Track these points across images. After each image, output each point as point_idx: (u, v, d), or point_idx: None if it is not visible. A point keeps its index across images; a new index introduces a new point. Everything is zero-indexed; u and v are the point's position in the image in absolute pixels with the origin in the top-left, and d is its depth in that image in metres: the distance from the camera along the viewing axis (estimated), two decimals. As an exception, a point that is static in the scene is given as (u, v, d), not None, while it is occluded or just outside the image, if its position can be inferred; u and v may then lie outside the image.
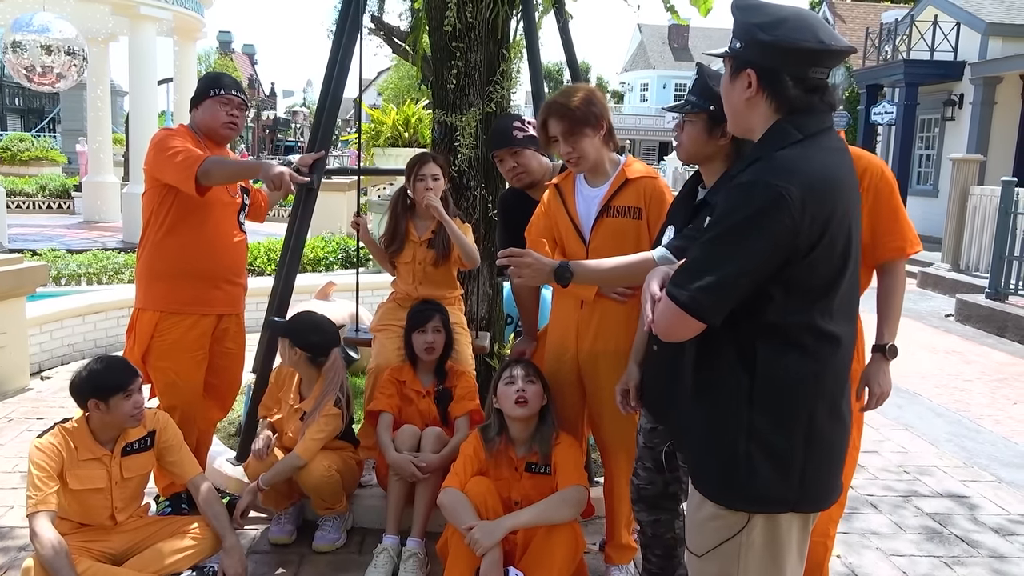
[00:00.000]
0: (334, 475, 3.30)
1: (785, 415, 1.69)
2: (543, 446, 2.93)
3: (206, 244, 3.39)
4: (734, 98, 1.77)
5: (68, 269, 8.07)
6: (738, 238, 1.60)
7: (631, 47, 52.24)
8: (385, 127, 10.19)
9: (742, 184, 1.63)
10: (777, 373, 1.68)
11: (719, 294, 1.61)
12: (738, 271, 1.60)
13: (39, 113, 42.13)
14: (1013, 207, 8.94)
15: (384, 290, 4.63)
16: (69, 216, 16.91)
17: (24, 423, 4.80)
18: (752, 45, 1.71)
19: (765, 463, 1.69)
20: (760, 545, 1.75)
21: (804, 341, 1.68)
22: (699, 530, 1.82)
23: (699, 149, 2.39)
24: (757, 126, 1.75)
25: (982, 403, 5.92)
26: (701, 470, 1.80)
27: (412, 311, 3.50)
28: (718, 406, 1.73)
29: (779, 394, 1.69)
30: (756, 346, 1.68)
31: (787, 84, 1.69)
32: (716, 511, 1.77)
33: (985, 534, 3.75)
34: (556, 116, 2.75)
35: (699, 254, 1.65)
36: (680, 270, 1.68)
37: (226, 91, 3.42)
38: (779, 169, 1.61)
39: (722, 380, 1.72)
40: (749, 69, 1.72)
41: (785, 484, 1.70)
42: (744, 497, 1.72)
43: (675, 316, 1.65)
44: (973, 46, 15.76)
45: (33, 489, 2.70)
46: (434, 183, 3.53)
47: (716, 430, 1.74)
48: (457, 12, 3.85)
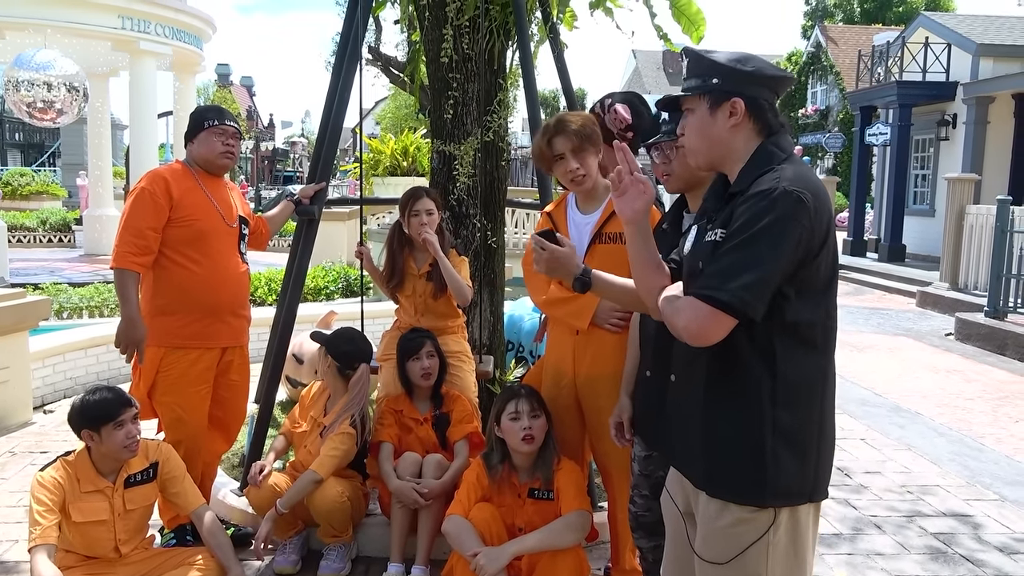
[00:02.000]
0: (346, 502, 3.32)
1: (803, 410, 1.80)
2: (545, 472, 2.95)
3: (208, 277, 3.40)
4: (716, 128, 1.87)
5: (70, 303, 8.09)
6: (770, 240, 1.70)
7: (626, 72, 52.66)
8: (384, 156, 10.30)
9: (762, 192, 1.73)
10: (795, 370, 1.78)
11: (760, 291, 1.70)
12: (773, 270, 1.70)
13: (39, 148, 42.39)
14: (1009, 225, 9.00)
15: (385, 318, 4.67)
16: (70, 250, 16.96)
17: (28, 457, 4.80)
18: (732, 77, 1.84)
19: (789, 458, 1.78)
20: (785, 542, 1.81)
21: (815, 338, 1.80)
22: (722, 538, 1.83)
23: (692, 173, 2.42)
24: (739, 151, 1.87)
25: (984, 422, 5.92)
26: (726, 473, 1.82)
27: (402, 340, 3.52)
28: (743, 407, 1.80)
29: (797, 390, 1.79)
30: (775, 345, 1.77)
31: (766, 108, 1.87)
32: (742, 515, 1.80)
33: (990, 553, 3.74)
34: (564, 133, 2.81)
35: (733, 257, 1.72)
36: (711, 274, 1.73)
37: (220, 121, 3.46)
38: (792, 178, 1.75)
39: (745, 381, 1.79)
40: (735, 98, 1.84)
41: (804, 476, 1.81)
42: (774, 493, 1.78)
43: (710, 317, 1.71)
44: (964, 67, 15.92)
45: (33, 524, 2.71)
46: (428, 218, 3.56)
47: (743, 430, 1.80)
48: (454, 44, 3.92)
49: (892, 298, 12.70)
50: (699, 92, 1.88)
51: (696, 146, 1.91)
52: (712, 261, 1.76)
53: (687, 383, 1.93)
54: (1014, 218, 9.14)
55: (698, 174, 2.42)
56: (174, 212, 3.33)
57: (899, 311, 11.30)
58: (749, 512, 1.80)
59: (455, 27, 3.90)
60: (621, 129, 3.16)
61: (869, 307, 11.73)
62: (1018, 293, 8.84)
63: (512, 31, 4.04)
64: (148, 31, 12.52)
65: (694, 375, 1.89)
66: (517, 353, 5.30)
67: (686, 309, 1.75)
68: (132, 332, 3.26)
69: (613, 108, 3.19)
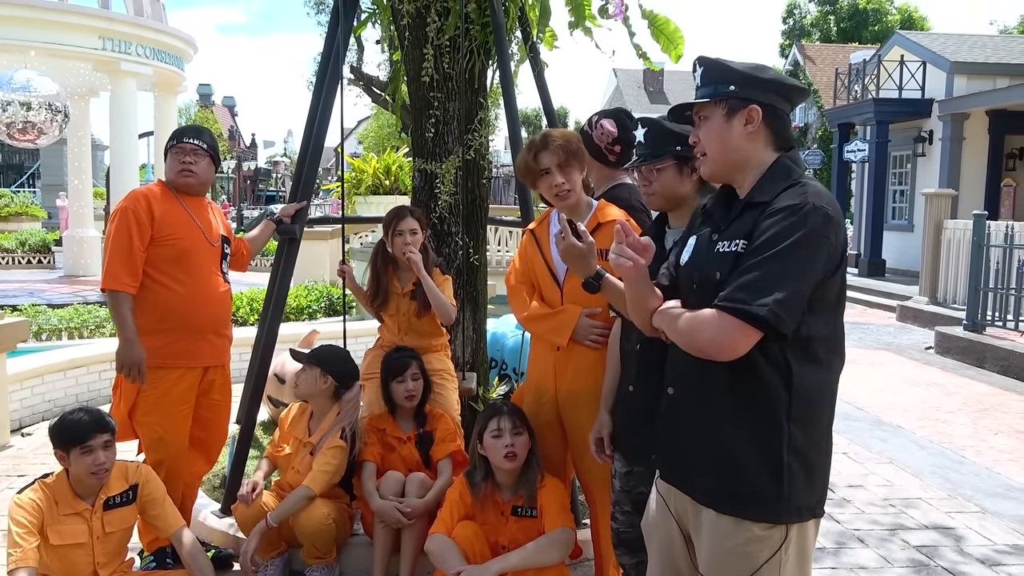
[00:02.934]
0: (331, 525, 3.30)
1: (814, 425, 1.81)
2: (528, 489, 2.94)
3: (190, 297, 3.39)
4: (732, 135, 1.87)
5: (49, 324, 8.01)
6: (802, 254, 1.70)
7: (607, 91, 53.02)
8: (366, 175, 10.31)
9: (793, 207, 1.73)
10: (808, 386, 1.78)
11: (793, 307, 1.70)
12: (806, 285, 1.71)
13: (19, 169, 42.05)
14: (985, 240, 9.12)
15: (368, 337, 4.65)
16: (50, 271, 16.82)
17: (4, 480, 4.73)
18: (750, 84, 1.85)
19: (801, 473, 1.79)
20: (793, 558, 1.81)
21: (822, 354, 1.80)
22: (735, 556, 1.80)
23: (675, 191, 2.44)
24: (752, 160, 1.87)
25: (964, 434, 5.97)
26: (743, 489, 1.79)
27: (387, 360, 3.50)
28: (761, 422, 1.78)
29: (809, 405, 1.79)
30: (789, 360, 1.76)
31: (782, 119, 1.89)
32: (757, 532, 1.78)
33: (971, 565, 3.76)
34: (550, 148, 2.83)
35: (763, 271, 1.70)
36: (740, 288, 1.71)
37: (178, 140, 3.47)
38: (817, 194, 1.76)
39: (763, 396, 1.78)
40: (752, 105, 1.85)
41: (812, 491, 1.82)
42: (789, 509, 1.78)
43: (739, 331, 1.70)
44: (939, 84, 16.18)
45: (12, 546, 2.68)
46: (412, 238, 3.57)
47: (762, 446, 1.78)
48: (434, 63, 3.94)
49: (872, 312, 12.81)
50: (715, 98, 1.88)
51: (713, 152, 1.90)
52: (738, 273, 1.74)
53: (694, 398, 1.89)
54: (990, 232, 9.27)
55: (680, 190, 2.44)
56: (156, 231, 3.32)
57: (879, 325, 11.40)
58: (764, 529, 1.78)
59: (436, 47, 3.93)
60: (608, 143, 3.20)
61: (850, 321, 11.81)
62: (996, 306, 8.95)
63: (492, 50, 4.07)
64: (129, 52, 12.50)
65: (705, 390, 1.86)
66: (500, 370, 5.30)
67: (711, 323, 1.73)
68: (132, 353, 3.24)
69: (599, 123, 3.23)
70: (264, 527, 3.23)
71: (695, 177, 2.42)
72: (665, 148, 2.39)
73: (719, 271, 1.80)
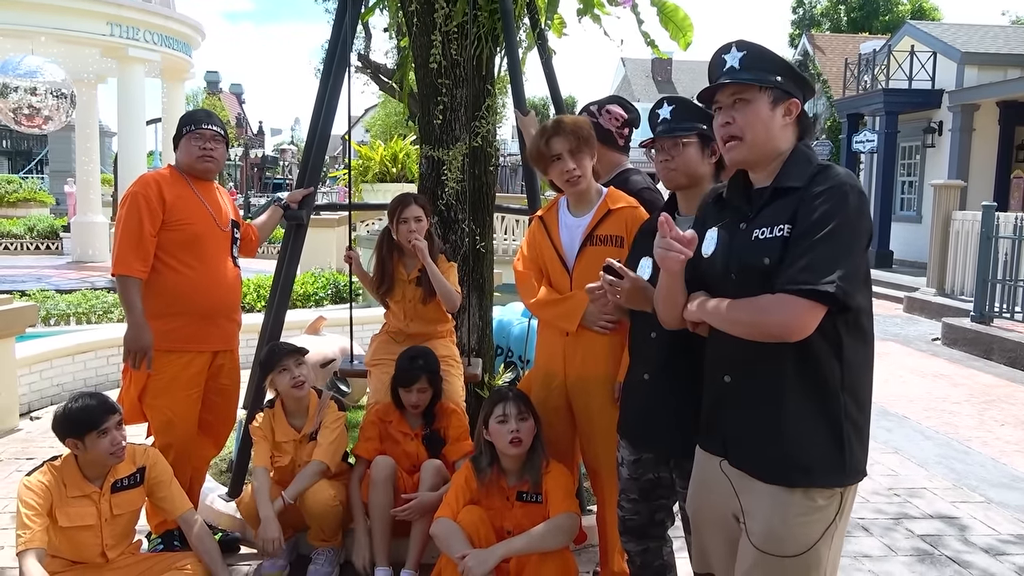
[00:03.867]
0: (338, 506, 3.33)
1: (862, 393, 1.93)
2: (533, 475, 2.95)
3: (200, 281, 3.40)
4: (774, 124, 1.94)
5: (57, 309, 8.05)
6: (852, 232, 1.80)
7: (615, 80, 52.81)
8: (373, 163, 10.31)
9: (833, 188, 1.83)
10: (856, 357, 1.90)
11: (855, 281, 1.80)
12: (861, 259, 1.83)
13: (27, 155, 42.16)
14: (994, 232, 9.07)
15: (373, 324, 4.66)
16: (58, 257, 16.88)
17: (14, 464, 4.77)
18: (792, 78, 1.96)
19: (856, 439, 1.91)
20: (842, 523, 1.93)
21: (865, 324, 1.92)
22: (797, 526, 1.88)
23: (696, 169, 2.44)
24: (782, 148, 1.96)
25: (970, 425, 5.96)
26: (812, 461, 1.87)
27: (399, 366, 3.42)
28: (824, 395, 1.88)
29: (858, 376, 1.91)
30: (840, 334, 1.86)
31: (806, 113, 2.00)
32: (820, 503, 1.88)
33: (976, 555, 3.76)
34: (562, 134, 2.84)
35: (820, 251, 1.79)
36: (802, 269, 1.78)
37: (197, 126, 3.46)
38: (849, 175, 1.87)
39: (824, 370, 1.87)
40: (794, 99, 1.95)
41: (864, 454, 1.95)
42: (850, 473, 1.90)
43: (809, 310, 1.78)
44: (950, 75, 16.08)
45: (22, 528, 2.70)
46: (417, 225, 3.57)
47: (825, 417, 1.88)
48: (442, 50, 3.93)
49: (879, 303, 12.77)
50: (762, 85, 1.93)
51: (755, 137, 1.95)
52: (793, 257, 1.81)
53: (756, 382, 1.95)
54: (999, 224, 9.22)
55: (700, 170, 2.44)
56: (167, 216, 3.34)
57: (886, 316, 11.37)
58: (826, 499, 1.88)
59: (443, 33, 3.92)
60: (618, 126, 3.21)
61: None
62: (1003, 298, 8.91)
63: (500, 37, 4.06)
64: (137, 38, 12.49)
65: (766, 373, 1.92)
66: (506, 358, 5.31)
67: (779, 306, 1.80)
68: (140, 338, 3.26)
69: (606, 109, 3.23)
70: (281, 505, 3.26)
71: (713, 160, 2.44)
72: (692, 124, 2.40)
73: (767, 257, 1.86)
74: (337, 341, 5.31)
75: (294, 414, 3.51)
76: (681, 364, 2.29)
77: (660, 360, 2.42)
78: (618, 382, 2.82)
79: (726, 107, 1.98)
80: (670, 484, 2.56)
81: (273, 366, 3.44)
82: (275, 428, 3.50)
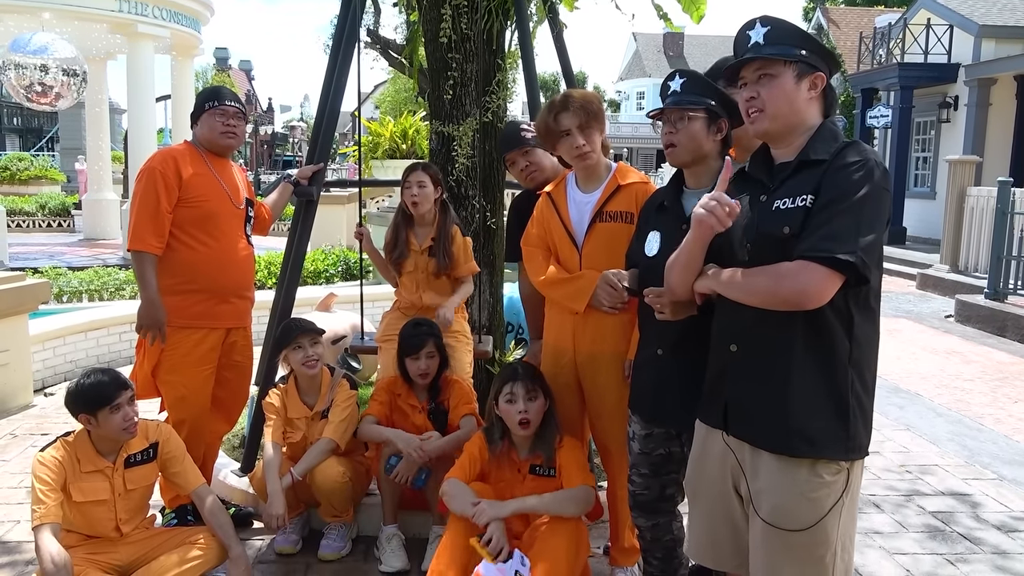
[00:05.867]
0: (347, 482, 3.34)
1: (866, 372, 1.95)
2: (546, 449, 2.95)
3: (214, 258, 3.41)
4: (799, 98, 1.95)
5: (69, 286, 8.10)
6: (873, 207, 1.82)
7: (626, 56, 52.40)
8: (383, 139, 10.25)
9: (858, 162, 1.85)
10: (864, 334, 1.92)
11: (874, 253, 1.83)
12: (881, 233, 1.84)
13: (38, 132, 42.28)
14: (1010, 207, 8.98)
15: (384, 301, 4.67)
16: (69, 234, 16.94)
17: (29, 439, 4.82)
18: (818, 51, 1.96)
19: (860, 414, 1.93)
20: (850, 500, 1.94)
21: (873, 302, 1.93)
22: (805, 501, 1.90)
23: (700, 145, 2.40)
24: (806, 123, 1.97)
25: (983, 402, 5.94)
26: (816, 433, 1.90)
27: (403, 334, 3.43)
28: (832, 368, 1.90)
29: (865, 353, 1.93)
30: (851, 309, 1.89)
31: (831, 88, 2.00)
32: (826, 478, 1.90)
33: (988, 531, 3.76)
34: (572, 109, 2.79)
35: (842, 221, 1.81)
36: (823, 238, 1.80)
37: (220, 103, 3.45)
38: (873, 151, 1.89)
39: (833, 344, 1.90)
40: (819, 73, 1.95)
41: (868, 430, 1.96)
42: (854, 447, 1.92)
43: (828, 278, 1.80)
44: (967, 48, 15.83)
45: (36, 503, 2.72)
46: (420, 190, 3.57)
47: (831, 390, 1.90)
48: (452, 24, 3.89)
49: (892, 280, 12.69)
50: (787, 59, 1.94)
51: (778, 111, 1.96)
52: (815, 225, 1.83)
53: (763, 352, 1.97)
54: (1015, 200, 9.11)
55: (705, 146, 2.40)
56: (183, 192, 3.33)
57: (899, 293, 11.30)
58: (832, 474, 1.90)
59: (453, 7, 3.88)
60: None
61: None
62: (1018, 275, 8.84)
63: (511, 11, 4.02)
64: (146, 13, 12.43)
65: (773, 343, 1.94)
66: (517, 334, 5.30)
67: (799, 273, 1.82)
68: (154, 314, 3.27)
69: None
70: (289, 481, 3.28)
71: (719, 137, 2.40)
72: (701, 98, 2.36)
73: (787, 226, 1.88)
74: (348, 318, 5.32)
75: (307, 391, 3.52)
76: (693, 341, 2.28)
77: (674, 337, 2.41)
78: (628, 359, 2.81)
79: (751, 82, 1.99)
80: (681, 459, 2.55)
81: (288, 343, 3.44)
82: (287, 405, 3.51)
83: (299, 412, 3.50)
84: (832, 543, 1.91)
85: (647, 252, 2.48)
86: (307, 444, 3.45)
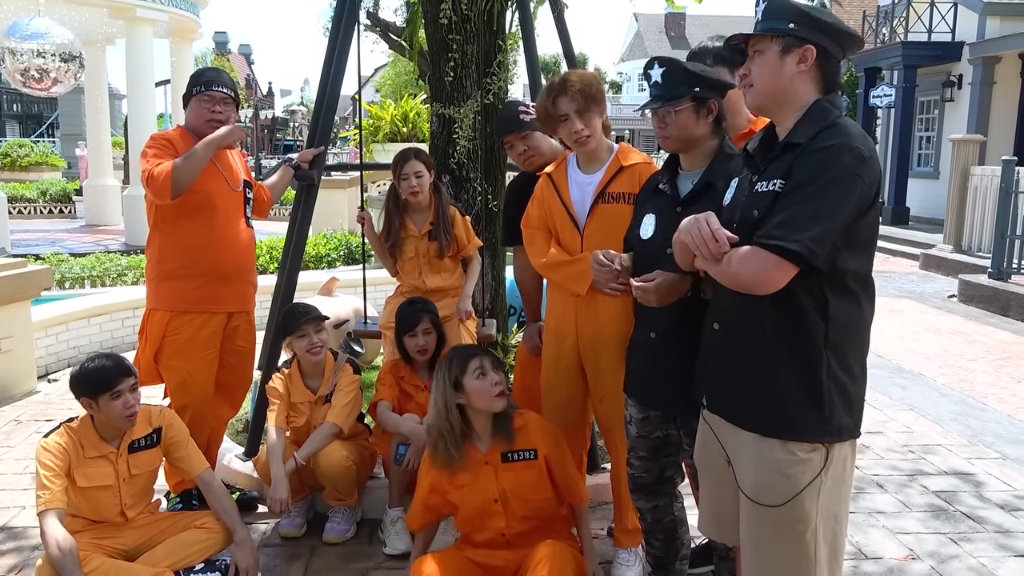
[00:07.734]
0: (351, 466, 3.35)
1: (849, 354, 1.92)
2: (505, 431, 2.72)
3: (215, 242, 3.39)
4: (782, 74, 1.92)
5: (72, 272, 8.10)
6: (836, 193, 1.78)
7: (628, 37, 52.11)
8: (383, 123, 10.21)
9: (830, 147, 1.81)
10: (843, 317, 1.89)
11: (826, 242, 1.78)
12: (839, 222, 1.79)
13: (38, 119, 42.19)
14: (1014, 187, 8.94)
15: (386, 285, 4.65)
16: (71, 220, 16.93)
17: (33, 425, 4.83)
18: (810, 24, 1.90)
19: (839, 397, 1.90)
20: (832, 479, 1.92)
21: (854, 286, 1.91)
22: (779, 477, 1.90)
23: (691, 133, 2.40)
24: (798, 100, 1.93)
25: (986, 382, 5.93)
26: (788, 414, 1.90)
27: (399, 315, 3.42)
28: (804, 351, 1.89)
29: (845, 335, 1.90)
30: (826, 293, 1.87)
31: (833, 63, 1.94)
32: (800, 456, 1.89)
33: (991, 510, 3.76)
34: (570, 93, 2.74)
35: (799, 208, 1.79)
36: (778, 224, 1.80)
37: (207, 88, 3.39)
38: (853, 135, 1.83)
39: (805, 327, 1.88)
40: (808, 46, 1.90)
41: (851, 414, 1.93)
42: (831, 430, 1.90)
43: (777, 266, 1.79)
44: (971, 26, 15.69)
45: (41, 488, 2.73)
46: (418, 180, 3.54)
47: (805, 372, 1.89)
48: (452, 4, 3.86)
49: (895, 260, 12.67)
50: (773, 33, 1.92)
51: (760, 86, 1.95)
52: (776, 211, 1.83)
53: (739, 331, 1.99)
54: (1019, 179, 9.07)
55: (695, 132, 2.40)
56: None
57: (902, 273, 11.28)
58: (806, 452, 1.89)
59: (453, -13, 3.84)
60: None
61: (873, 270, 11.69)
62: (1022, 254, 8.81)
63: (511, -9, 3.98)
64: (144, -2, 12.35)
65: (749, 323, 1.95)
66: (519, 318, 5.30)
67: (751, 259, 1.81)
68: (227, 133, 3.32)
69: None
70: (293, 466, 3.28)
71: (710, 119, 2.40)
72: (683, 90, 2.35)
73: (757, 209, 1.88)
74: (350, 302, 5.31)
75: (310, 376, 3.52)
76: (687, 324, 2.27)
77: (667, 319, 2.40)
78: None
79: (748, 58, 2.00)
80: (678, 442, 2.57)
81: (292, 330, 3.44)
82: (291, 389, 3.51)
83: (303, 396, 3.50)
84: (811, 520, 1.90)
85: (641, 235, 2.48)
86: (311, 428, 3.45)
